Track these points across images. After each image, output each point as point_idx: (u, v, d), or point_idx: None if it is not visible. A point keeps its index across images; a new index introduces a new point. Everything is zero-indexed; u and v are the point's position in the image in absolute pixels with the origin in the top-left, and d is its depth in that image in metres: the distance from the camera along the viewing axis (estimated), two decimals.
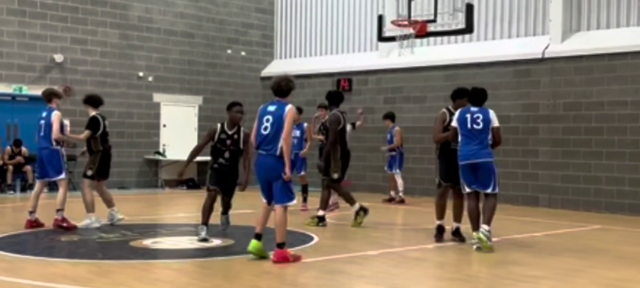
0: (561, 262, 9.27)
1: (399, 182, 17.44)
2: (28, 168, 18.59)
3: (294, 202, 8.82)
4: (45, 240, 10.66)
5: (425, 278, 8.48)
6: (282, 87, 8.93)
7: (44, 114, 11.93)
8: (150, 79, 21.40)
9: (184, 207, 16.32)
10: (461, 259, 9.62)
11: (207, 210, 10.62)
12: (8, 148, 18.68)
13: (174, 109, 21.77)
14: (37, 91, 19.16)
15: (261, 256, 8.83)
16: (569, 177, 17.15)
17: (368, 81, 21.27)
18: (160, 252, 9.95)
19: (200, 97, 22.44)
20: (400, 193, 17.36)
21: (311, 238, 10.78)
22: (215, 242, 10.43)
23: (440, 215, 10.84)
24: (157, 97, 21.62)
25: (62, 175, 11.84)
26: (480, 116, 10.17)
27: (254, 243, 8.85)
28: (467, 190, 10.23)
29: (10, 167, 18.47)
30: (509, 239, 11.28)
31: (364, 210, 12.50)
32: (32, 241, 10.56)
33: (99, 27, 20.55)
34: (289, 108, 8.73)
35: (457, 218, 10.72)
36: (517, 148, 17.84)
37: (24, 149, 18.71)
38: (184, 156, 20.97)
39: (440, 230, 10.85)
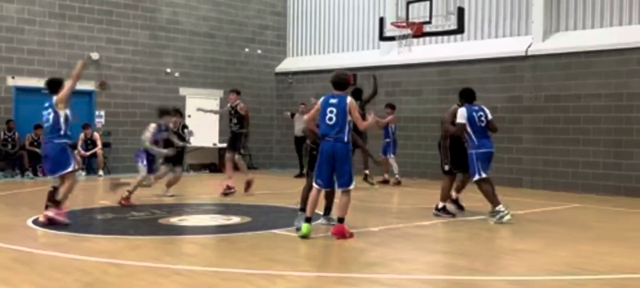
0: (543, 236, 9.17)
1: (394, 165, 17.30)
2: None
3: (353, 185, 8.71)
4: (83, 218, 10.61)
5: (422, 251, 8.38)
6: (342, 80, 8.86)
7: (47, 104, 9.71)
8: (176, 74, 21.30)
9: (207, 188, 16.23)
10: (454, 236, 9.52)
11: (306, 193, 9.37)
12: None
13: (198, 101, 21.64)
14: (77, 86, 19.11)
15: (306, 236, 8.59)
16: (550, 161, 17.01)
17: (370, 76, 21.03)
18: (186, 229, 9.89)
19: (221, 91, 22.30)
20: (396, 176, 17.22)
21: (318, 216, 10.66)
22: (234, 219, 10.36)
23: (449, 196, 11.15)
24: (182, 90, 21.52)
25: (70, 168, 9.71)
26: (482, 113, 10.69)
27: (307, 227, 8.62)
28: (484, 175, 10.47)
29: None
30: None
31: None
32: (71, 219, 10.47)
33: (130, 28, 20.45)
34: (349, 100, 8.68)
35: (444, 198, 10.98)
36: (503, 135, 17.64)
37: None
38: (206, 143, 21.30)
39: (458, 203, 11.42)
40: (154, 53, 20.85)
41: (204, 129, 21.12)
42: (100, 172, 18.82)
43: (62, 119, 9.56)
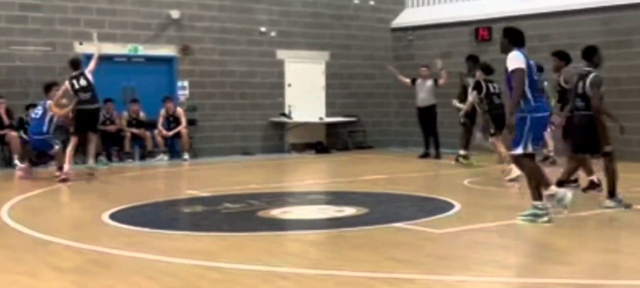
0: None
1: (550, 141, 16.70)
2: (147, 134, 19.10)
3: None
4: (167, 211, 10.96)
5: (577, 247, 8.21)
6: None
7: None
8: (272, 34, 21.50)
9: (312, 173, 16.47)
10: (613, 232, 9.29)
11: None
12: (125, 113, 19.23)
13: (299, 66, 21.85)
14: (154, 51, 19.77)
15: None
16: None
17: None
18: (289, 223, 10.05)
19: (327, 53, 22.45)
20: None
21: (452, 206, 10.63)
22: (348, 211, 10.45)
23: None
24: (280, 53, 21.74)
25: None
26: None
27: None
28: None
29: (128, 134, 19.02)
30: None
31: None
32: (153, 213, 10.85)
33: None
34: None
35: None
36: None
37: (142, 114, 19.22)
38: (311, 118, 21.51)
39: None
40: (245, 9, 21.12)
41: (308, 102, 21.32)
42: (186, 156, 19.19)
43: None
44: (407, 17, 23.45)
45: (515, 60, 9.13)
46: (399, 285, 6.40)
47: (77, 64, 15.37)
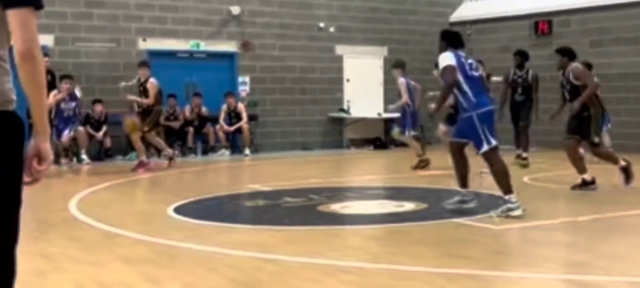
0: None
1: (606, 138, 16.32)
2: (209, 129, 19.33)
3: None
4: (230, 205, 11.12)
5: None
6: None
7: None
8: (331, 29, 21.61)
9: (371, 169, 16.54)
10: None
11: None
12: (188, 108, 19.47)
13: (358, 61, 21.92)
14: (215, 47, 19.99)
15: None
16: None
17: (570, 22, 20.43)
18: (350, 218, 10.14)
19: (385, 48, 22.48)
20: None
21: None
22: (407, 206, 10.50)
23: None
24: (339, 49, 21.83)
25: None
26: None
27: None
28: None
29: (191, 129, 19.27)
30: None
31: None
32: (216, 206, 11.03)
33: None
34: None
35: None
36: None
37: (204, 109, 19.45)
38: (369, 113, 21.55)
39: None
40: (305, 4, 21.25)
41: (366, 97, 21.37)
42: (247, 151, 19.39)
43: None
44: (465, 11, 23.35)
45: (443, 60, 9.45)
46: (459, 281, 6.42)
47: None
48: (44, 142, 3.38)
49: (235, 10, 20.14)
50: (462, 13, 23.41)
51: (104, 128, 17.79)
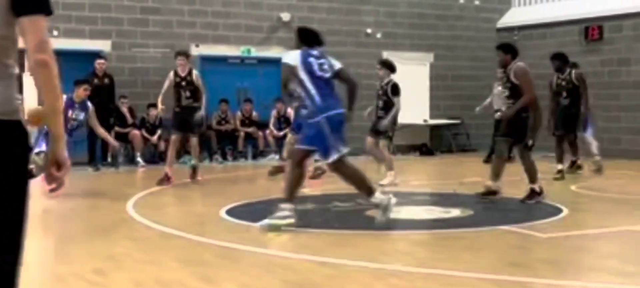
0: None
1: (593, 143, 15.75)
2: (259, 134, 19.58)
3: None
4: None
5: None
6: None
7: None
8: (378, 35, 21.75)
9: (417, 174, 16.60)
10: None
11: None
12: (239, 113, 19.74)
13: (404, 68, 21.88)
14: (265, 52, 20.23)
15: None
16: None
17: (622, 27, 20.09)
18: (397, 223, 10.24)
19: (431, 54, 22.54)
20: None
21: (560, 211, 10.63)
22: (454, 212, 10.60)
23: None
24: (386, 55, 21.90)
25: None
26: None
27: None
28: None
29: (242, 133, 19.53)
30: None
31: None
32: (266, 210, 11.16)
33: None
34: None
35: None
36: None
37: (254, 114, 19.71)
38: (415, 119, 21.59)
39: None
40: (352, 10, 21.41)
41: (412, 103, 21.37)
42: None
43: None
44: (513, 17, 23.25)
45: (284, 57, 9.24)
46: (505, 287, 6.53)
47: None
48: (61, 149, 3.27)
49: (285, 16, 20.38)
50: (509, 18, 23.34)
51: (159, 132, 18.12)
